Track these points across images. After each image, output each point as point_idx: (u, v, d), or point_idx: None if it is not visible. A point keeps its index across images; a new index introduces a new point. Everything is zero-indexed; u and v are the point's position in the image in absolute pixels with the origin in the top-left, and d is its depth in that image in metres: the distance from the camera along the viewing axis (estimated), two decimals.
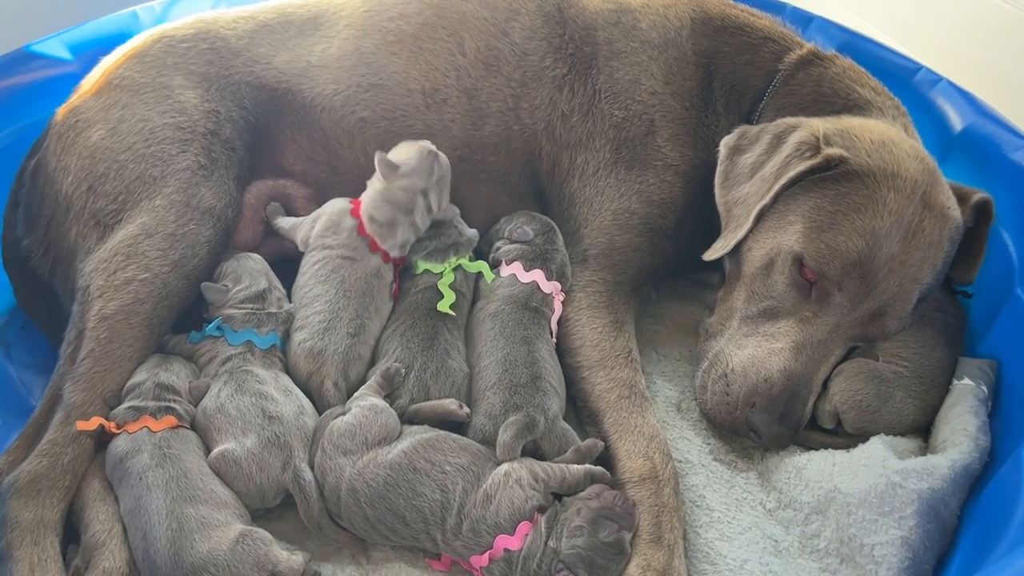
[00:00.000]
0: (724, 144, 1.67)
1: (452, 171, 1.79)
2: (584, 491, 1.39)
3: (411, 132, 1.82)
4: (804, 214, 1.53)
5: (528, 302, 1.65)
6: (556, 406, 1.51)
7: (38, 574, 1.28)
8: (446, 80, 1.84)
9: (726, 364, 1.56)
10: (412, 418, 1.50)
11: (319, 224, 1.68)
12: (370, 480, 1.36)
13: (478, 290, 1.73)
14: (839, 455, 1.50)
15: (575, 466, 1.42)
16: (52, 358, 1.53)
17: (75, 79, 1.84)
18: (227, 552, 1.26)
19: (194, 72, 1.77)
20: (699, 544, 1.43)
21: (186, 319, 1.62)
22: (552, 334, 1.67)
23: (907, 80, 2.08)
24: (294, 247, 1.74)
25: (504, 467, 1.38)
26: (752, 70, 1.79)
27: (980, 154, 1.85)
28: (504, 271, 1.72)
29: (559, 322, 1.70)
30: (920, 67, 2.10)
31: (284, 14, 1.91)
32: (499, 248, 1.77)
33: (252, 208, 1.80)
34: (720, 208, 1.65)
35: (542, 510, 1.36)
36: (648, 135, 1.77)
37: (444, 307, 1.61)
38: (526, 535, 1.32)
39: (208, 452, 1.44)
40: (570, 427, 1.52)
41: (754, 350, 1.54)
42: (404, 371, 1.53)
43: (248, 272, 1.64)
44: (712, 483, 1.54)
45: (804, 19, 2.32)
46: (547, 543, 1.32)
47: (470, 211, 1.85)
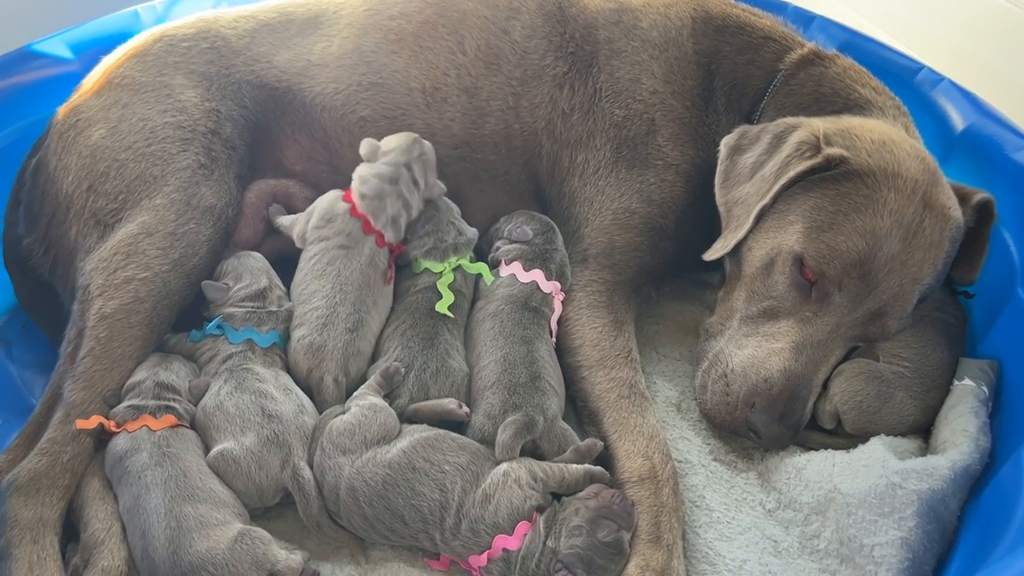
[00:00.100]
0: (724, 144, 1.67)
1: (452, 170, 1.79)
2: (583, 491, 1.39)
3: (411, 131, 1.81)
4: (804, 214, 1.52)
5: (528, 302, 1.65)
6: (555, 406, 1.51)
7: (37, 572, 1.28)
8: (446, 79, 1.83)
9: (726, 364, 1.56)
10: (411, 417, 1.50)
11: (314, 216, 1.69)
12: (369, 479, 1.36)
13: (478, 290, 1.73)
14: (839, 455, 1.50)
15: (574, 466, 1.42)
16: (53, 357, 1.53)
17: (76, 78, 1.84)
18: (226, 551, 1.26)
19: (195, 71, 1.78)
20: (698, 544, 1.43)
21: (186, 318, 1.62)
22: (552, 334, 1.67)
23: (908, 80, 2.08)
24: (294, 245, 1.74)
25: (503, 467, 1.38)
26: (753, 69, 1.79)
27: (982, 154, 1.85)
28: (504, 271, 1.71)
29: (559, 322, 1.70)
30: (922, 67, 2.10)
31: (285, 13, 1.92)
32: (499, 248, 1.77)
33: (253, 207, 1.80)
34: (720, 208, 1.65)
35: (541, 510, 1.36)
36: (649, 134, 1.77)
37: (442, 308, 1.60)
38: (525, 535, 1.32)
39: (208, 451, 1.44)
40: (569, 427, 1.51)
41: (754, 350, 1.53)
42: (404, 370, 1.53)
43: (249, 270, 1.64)
44: (712, 483, 1.53)
45: (806, 18, 2.32)
46: (546, 543, 1.31)
47: (470, 210, 1.85)
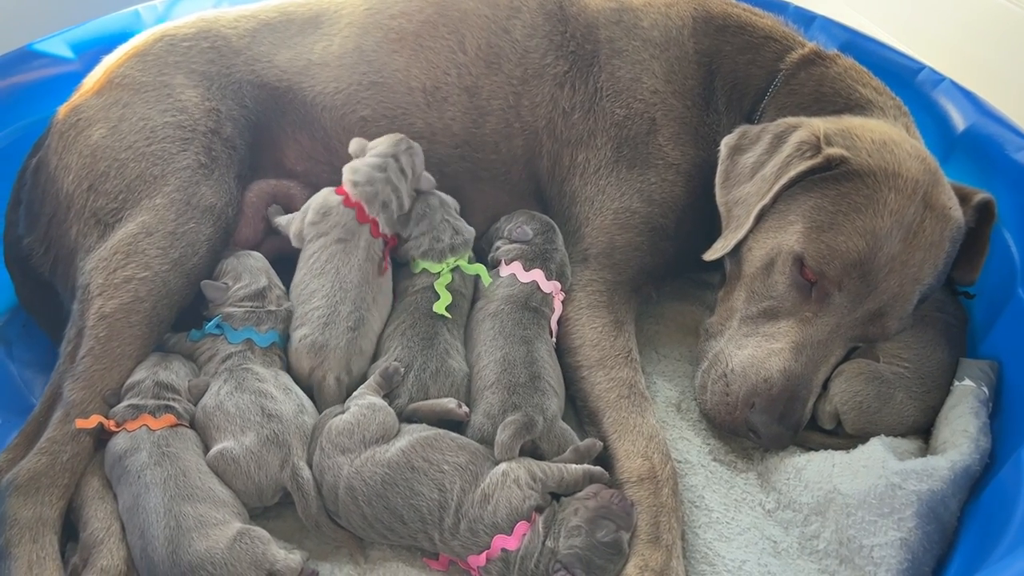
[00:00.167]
0: (725, 144, 1.67)
1: (452, 169, 1.80)
2: (582, 491, 1.39)
3: (412, 130, 1.82)
4: (804, 214, 1.52)
5: (528, 302, 1.65)
6: (555, 406, 1.51)
7: (36, 572, 1.28)
8: (447, 78, 1.83)
9: (726, 364, 1.56)
10: (410, 417, 1.50)
11: (309, 212, 1.69)
12: (368, 479, 1.36)
13: (478, 289, 1.73)
14: (839, 456, 1.50)
15: (573, 466, 1.42)
16: (53, 356, 1.53)
17: (77, 78, 1.84)
18: (225, 550, 1.26)
19: (195, 71, 1.78)
20: (697, 545, 1.43)
21: (186, 317, 1.62)
22: (552, 334, 1.66)
23: (910, 80, 2.07)
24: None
25: (502, 467, 1.38)
26: (754, 69, 1.79)
27: (982, 154, 1.84)
28: (504, 271, 1.71)
29: (559, 321, 1.70)
30: (923, 67, 2.09)
31: (285, 12, 1.91)
32: (499, 248, 1.77)
33: (253, 206, 1.80)
34: (720, 208, 1.65)
35: (540, 510, 1.36)
36: (649, 134, 1.77)
37: (439, 308, 1.60)
38: (524, 535, 1.32)
39: (207, 451, 1.44)
40: (569, 427, 1.51)
41: (754, 350, 1.53)
42: (403, 370, 1.53)
43: (248, 270, 1.64)
44: (711, 483, 1.53)
45: (807, 18, 2.31)
46: (544, 543, 1.31)
47: (470, 210, 1.85)
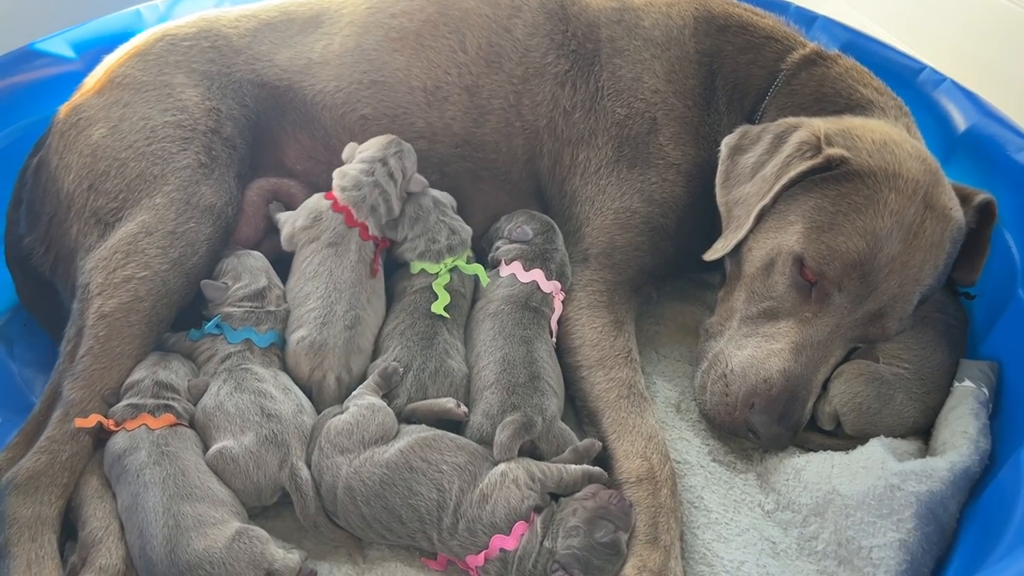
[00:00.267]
0: (725, 143, 1.67)
1: (453, 169, 1.79)
2: (581, 491, 1.39)
3: (412, 129, 1.82)
4: (805, 214, 1.52)
5: (528, 302, 1.65)
6: (554, 406, 1.51)
7: (35, 570, 1.28)
8: (448, 77, 1.83)
9: (725, 364, 1.56)
10: (409, 417, 1.50)
11: (300, 218, 1.69)
12: (367, 479, 1.36)
13: (478, 289, 1.73)
14: (838, 457, 1.49)
15: (572, 466, 1.42)
16: (54, 356, 1.53)
17: (78, 77, 1.84)
18: (223, 550, 1.26)
19: (196, 70, 1.78)
20: (696, 545, 1.43)
21: (186, 317, 1.62)
22: (552, 334, 1.66)
23: (911, 80, 2.07)
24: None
25: (501, 467, 1.38)
26: (755, 69, 1.78)
27: (984, 155, 1.84)
28: (504, 271, 1.71)
29: (559, 321, 1.69)
30: (924, 67, 2.09)
31: (286, 12, 1.92)
32: (499, 247, 1.77)
33: (253, 205, 1.80)
34: (721, 208, 1.64)
35: (538, 510, 1.36)
36: (650, 133, 1.77)
37: (437, 308, 1.60)
38: (522, 535, 1.32)
39: (207, 450, 1.44)
40: (568, 427, 1.51)
41: (754, 351, 1.53)
42: (402, 370, 1.53)
43: (248, 270, 1.65)
44: (710, 484, 1.53)
45: (808, 18, 2.31)
46: (543, 543, 1.31)
47: (470, 209, 1.85)
